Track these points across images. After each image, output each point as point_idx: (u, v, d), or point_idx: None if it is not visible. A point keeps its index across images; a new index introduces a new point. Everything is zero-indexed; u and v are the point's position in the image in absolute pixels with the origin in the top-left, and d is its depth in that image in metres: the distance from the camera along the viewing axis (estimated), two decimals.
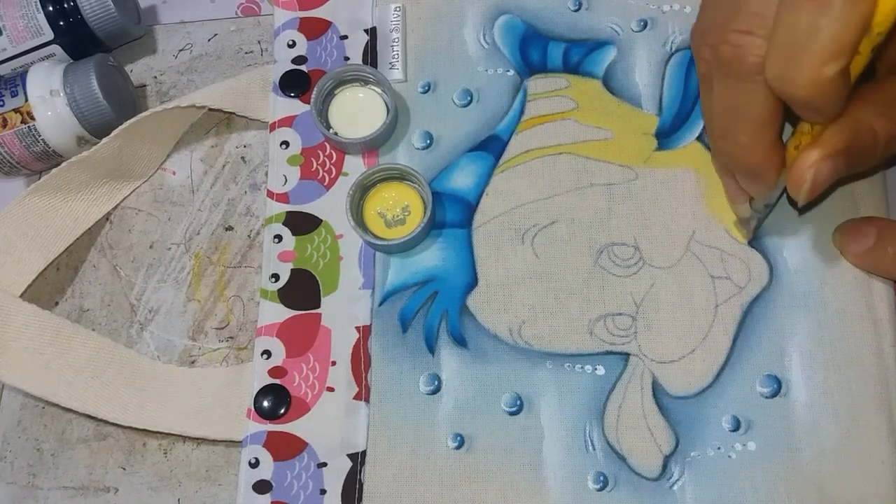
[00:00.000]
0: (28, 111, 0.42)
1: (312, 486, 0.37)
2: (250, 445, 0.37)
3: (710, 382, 0.36)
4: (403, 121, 0.42)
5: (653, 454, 0.36)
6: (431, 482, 0.36)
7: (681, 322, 0.37)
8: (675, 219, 0.39)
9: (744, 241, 0.38)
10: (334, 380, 0.38)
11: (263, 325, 0.39)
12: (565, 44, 0.42)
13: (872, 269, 0.37)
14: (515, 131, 0.41)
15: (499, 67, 0.42)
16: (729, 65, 0.30)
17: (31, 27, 0.43)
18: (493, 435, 0.37)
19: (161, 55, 0.47)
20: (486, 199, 0.40)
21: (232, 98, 0.43)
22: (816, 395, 0.36)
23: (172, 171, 0.45)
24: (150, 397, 0.39)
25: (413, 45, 0.43)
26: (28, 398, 0.42)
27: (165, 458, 0.40)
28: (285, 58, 0.44)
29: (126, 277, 0.43)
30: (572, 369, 0.37)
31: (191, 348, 0.42)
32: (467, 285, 0.39)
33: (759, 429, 0.35)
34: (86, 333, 0.40)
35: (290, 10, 0.44)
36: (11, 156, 0.43)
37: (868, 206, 0.38)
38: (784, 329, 0.37)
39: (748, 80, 0.30)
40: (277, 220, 0.41)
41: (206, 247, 0.43)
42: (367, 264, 0.40)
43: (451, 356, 0.38)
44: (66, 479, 0.40)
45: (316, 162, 0.42)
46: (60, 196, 0.43)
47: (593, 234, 0.39)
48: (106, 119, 0.43)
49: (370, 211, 0.40)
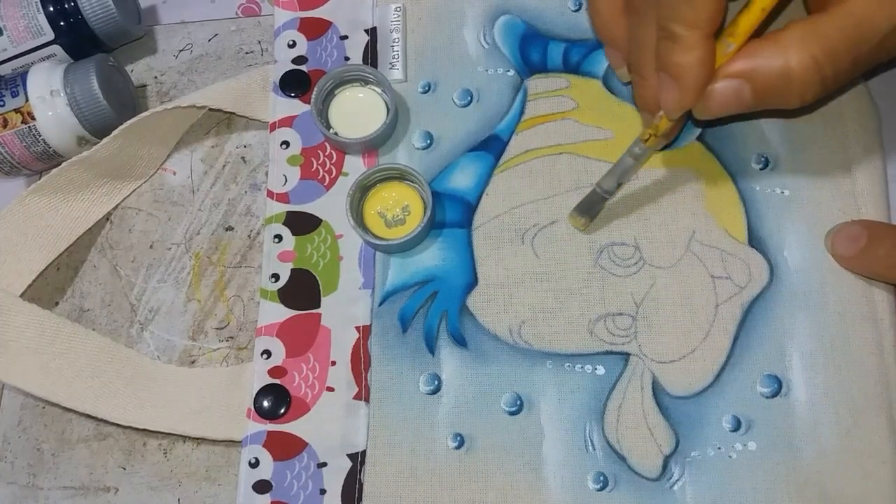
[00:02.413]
0: (28, 111, 0.42)
1: (312, 486, 0.37)
2: (250, 445, 0.37)
3: (711, 382, 0.36)
4: (403, 121, 0.42)
5: (653, 454, 0.36)
6: (431, 482, 0.36)
7: (681, 322, 0.37)
8: (675, 219, 0.39)
9: (744, 242, 0.38)
10: (334, 380, 0.38)
11: (263, 325, 0.39)
12: (565, 44, 0.42)
13: (864, 272, 0.36)
14: (516, 131, 0.41)
15: (499, 67, 0.42)
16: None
17: (31, 27, 0.43)
18: (493, 435, 0.37)
19: (161, 55, 0.47)
20: (486, 198, 0.40)
21: (232, 98, 0.43)
22: (817, 394, 0.36)
23: (173, 171, 0.45)
24: (150, 397, 0.39)
25: (413, 45, 0.43)
26: (28, 398, 0.42)
27: (165, 458, 0.40)
28: (285, 58, 0.44)
29: (126, 277, 0.43)
30: (572, 369, 0.37)
31: (191, 348, 0.42)
32: (467, 285, 0.39)
33: (760, 429, 0.35)
34: (86, 333, 0.40)
35: (291, 10, 0.44)
36: (12, 156, 0.43)
37: (869, 205, 0.38)
38: (784, 329, 0.37)
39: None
40: (277, 220, 0.41)
41: (207, 247, 0.43)
42: (367, 264, 0.40)
43: (451, 356, 0.38)
44: (66, 479, 0.40)
45: (316, 162, 0.42)
46: (61, 196, 0.43)
47: (593, 233, 0.39)
48: (106, 119, 0.43)
49: (370, 211, 0.40)
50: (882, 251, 0.35)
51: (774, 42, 0.32)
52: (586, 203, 0.38)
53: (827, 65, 0.31)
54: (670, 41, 0.32)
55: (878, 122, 0.39)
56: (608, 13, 0.37)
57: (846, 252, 0.36)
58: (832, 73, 0.32)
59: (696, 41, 0.31)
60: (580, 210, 0.38)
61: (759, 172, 0.39)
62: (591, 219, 0.38)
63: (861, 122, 0.39)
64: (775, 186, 0.39)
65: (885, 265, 0.35)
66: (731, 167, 0.39)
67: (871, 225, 0.36)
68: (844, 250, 0.36)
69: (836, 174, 0.38)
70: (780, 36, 0.32)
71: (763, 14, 0.32)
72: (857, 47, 0.31)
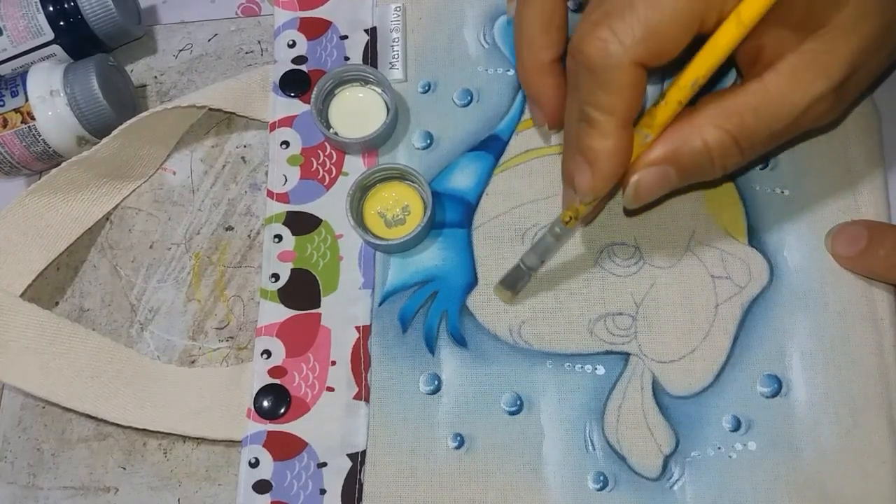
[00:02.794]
0: (28, 111, 0.42)
1: (312, 486, 0.37)
2: (250, 445, 0.37)
3: (711, 382, 0.36)
4: (403, 121, 0.42)
5: (653, 454, 0.36)
6: (431, 482, 0.36)
7: (681, 322, 0.37)
8: (675, 219, 0.39)
9: (744, 242, 0.38)
10: (334, 380, 0.38)
11: (263, 324, 0.39)
12: None
13: (865, 272, 0.36)
14: (516, 131, 0.41)
15: (499, 67, 0.42)
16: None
17: (31, 27, 0.43)
18: (493, 435, 0.37)
19: (161, 55, 0.47)
20: (486, 198, 0.40)
21: (232, 98, 0.43)
22: (817, 394, 0.36)
23: (172, 171, 0.45)
24: (150, 397, 0.39)
25: (413, 45, 0.43)
26: (28, 398, 0.42)
27: (165, 458, 0.40)
28: (285, 58, 0.44)
29: (126, 277, 0.43)
30: (572, 369, 0.37)
31: (191, 348, 0.42)
32: (467, 285, 0.39)
33: (760, 429, 0.35)
34: (86, 333, 0.40)
35: (291, 10, 0.44)
36: (12, 156, 0.43)
37: (869, 205, 0.38)
38: (784, 329, 0.37)
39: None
40: (277, 219, 0.41)
41: (206, 247, 0.43)
42: (367, 264, 0.40)
43: (451, 356, 0.38)
44: (66, 479, 0.40)
45: (316, 162, 0.42)
46: (60, 196, 0.43)
47: (593, 233, 0.39)
48: (106, 119, 0.43)
49: (370, 211, 0.40)
50: (882, 251, 0.35)
51: (689, 123, 0.32)
52: (511, 278, 0.37)
53: (744, 139, 0.31)
54: (587, 125, 0.31)
55: (879, 123, 0.39)
56: (531, 67, 0.36)
57: (846, 252, 0.36)
58: (749, 146, 0.32)
59: (612, 128, 0.31)
60: (505, 285, 0.37)
61: (759, 172, 0.39)
62: (515, 293, 0.38)
63: (861, 123, 0.39)
64: (775, 186, 0.39)
65: (885, 265, 0.35)
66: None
67: (872, 225, 0.36)
68: (844, 250, 0.36)
69: (836, 174, 0.38)
70: (695, 115, 0.32)
71: (679, 107, 0.31)
72: (772, 124, 0.31)
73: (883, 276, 0.36)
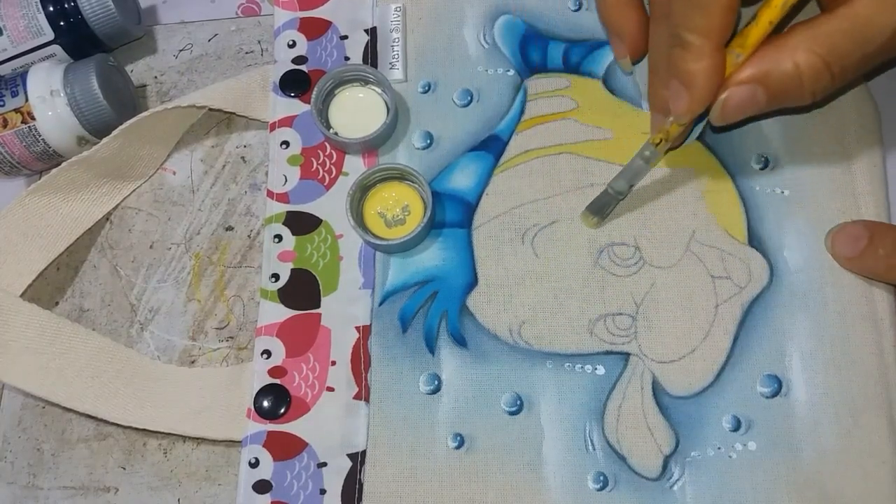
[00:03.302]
0: (28, 111, 0.42)
1: (312, 486, 0.37)
2: (250, 445, 0.37)
3: (711, 382, 0.36)
4: (403, 121, 0.42)
5: (653, 454, 0.36)
6: (431, 482, 0.36)
7: (681, 322, 0.37)
8: (675, 219, 0.39)
9: (744, 242, 0.38)
10: (334, 380, 0.38)
11: (263, 324, 0.39)
12: (565, 44, 0.42)
13: (865, 272, 0.36)
14: (516, 131, 0.41)
15: (499, 67, 0.42)
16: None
17: (31, 27, 0.43)
18: (493, 435, 0.37)
19: (161, 55, 0.47)
20: (486, 198, 0.40)
21: (232, 98, 0.43)
22: (817, 395, 0.36)
23: (172, 171, 0.45)
24: (150, 397, 0.39)
25: (413, 45, 0.43)
26: (28, 398, 0.42)
27: (165, 458, 0.40)
28: (285, 58, 0.44)
29: (126, 277, 0.43)
30: (572, 369, 0.37)
31: (191, 348, 0.42)
32: (467, 285, 0.39)
33: (760, 429, 0.35)
34: (86, 333, 0.40)
35: (291, 10, 0.44)
36: (12, 156, 0.43)
37: (869, 205, 0.38)
38: (784, 329, 0.37)
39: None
40: (277, 219, 0.41)
41: (206, 247, 0.43)
42: (367, 264, 0.40)
43: (451, 356, 0.38)
44: (66, 479, 0.40)
45: (316, 162, 0.42)
46: (60, 196, 0.43)
47: (593, 233, 0.39)
48: (106, 119, 0.43)
49: (370, 211, 0.40)
50: (882, 251, 0.35)
51: (782, 46, 0.32)
52: (598, 203, 0.38)
53: (835, 63, 0.32)
54: (682, 49, 0.32)
55: (878, 122, 0.39)
56: (614, 1, 0.38)
57: (847, 252, 0.36)
58: (840, 70, 0.32)
59: (708, 50, 0.32)
60: (592, 210, 0.38)
61: (759, 172, 0.39)
62: (602, 218, 0.38)
63: (861, 122, 0.39)
64: (775, 186, 0.39)
65: (885, 265, 0.35)
66: (731, 167, 0.39)
67: (872, 225, 0.36)
68: (845, 250, 0.36)
69: (836, 174, 0.38)
70: (787, 39, 0.32)
71: (771, 27, 0.32)
72: (864, 47, 0.32)
73: (883, 276, 0.36)
